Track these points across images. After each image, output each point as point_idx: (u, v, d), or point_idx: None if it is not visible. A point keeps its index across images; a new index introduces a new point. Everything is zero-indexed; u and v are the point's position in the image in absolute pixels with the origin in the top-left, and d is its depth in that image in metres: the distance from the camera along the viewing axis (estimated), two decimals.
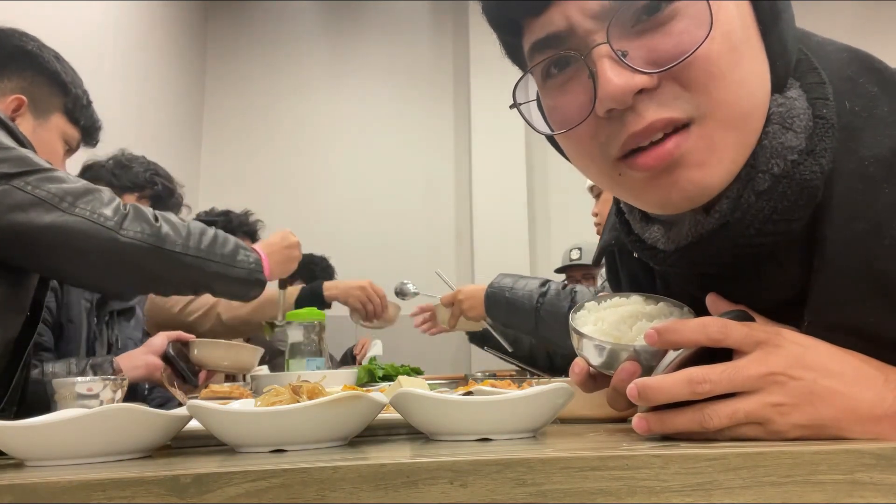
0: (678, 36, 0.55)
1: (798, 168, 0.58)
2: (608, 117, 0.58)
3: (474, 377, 1.76)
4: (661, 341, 0.57)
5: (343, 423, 0.64)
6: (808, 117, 0.59)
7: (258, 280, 1.43)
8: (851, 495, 0.46)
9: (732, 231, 0.60)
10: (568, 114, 0.60)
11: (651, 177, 0.59)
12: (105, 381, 1.19)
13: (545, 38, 0.60)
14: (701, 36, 0.54)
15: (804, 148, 0.58)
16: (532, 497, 0.47)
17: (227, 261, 1.37)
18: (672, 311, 0.67)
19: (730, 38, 0.56)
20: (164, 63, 4.09)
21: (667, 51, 0.55)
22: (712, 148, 0.57)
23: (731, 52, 0.56)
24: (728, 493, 0.46)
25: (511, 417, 0.64)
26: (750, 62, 0.58)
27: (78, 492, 0.47)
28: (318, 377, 0.97)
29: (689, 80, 0.55)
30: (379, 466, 0.47)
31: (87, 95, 1.55)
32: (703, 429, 0.54)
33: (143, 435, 0.65)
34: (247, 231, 2.71)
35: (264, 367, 2.04)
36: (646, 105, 0.56)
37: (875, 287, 0.57)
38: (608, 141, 0.59)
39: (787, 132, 0.58)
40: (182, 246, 1.29)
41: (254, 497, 0.47)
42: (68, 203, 1.19)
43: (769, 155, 0.59)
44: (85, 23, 3.13)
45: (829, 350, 0.55)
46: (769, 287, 0.64)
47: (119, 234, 1.21)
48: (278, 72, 4.79)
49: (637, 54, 0.56)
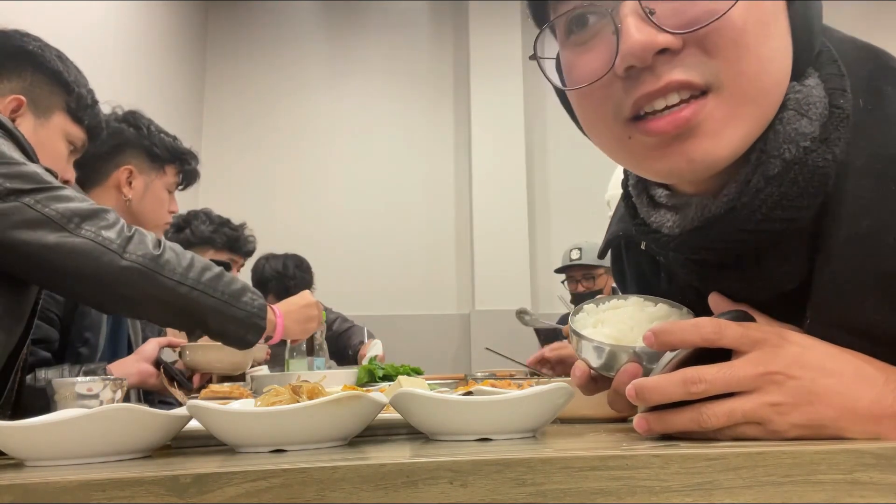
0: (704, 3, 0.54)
1: (810, 155, 0.57)
2: (626, 76, 0.57)
3: (474, 377, 1.75)
4: (657, 343, 0.56)
5: (343, 423, 0.64)
6: (823, 106, 0.59)
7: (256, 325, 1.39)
8: (851, 495, 0.46)
9: (739, 216, 0.60)
10: (586, 70, 0.60)
11: (661, 143, 0.58)
12: (105, 382, 1.18)
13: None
14: (729, 2, 0.54)
15: (818, 136, 0.58)
16: (532, 497, 0.47)
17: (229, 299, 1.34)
18: (671, 312, 0.67)
19: (760, 10, 0.55)
20: (164, 63, 4.09)
21: (696, 13, 0.54)
22: (728, 119, 0.57)
23: (760, 25, 0.55)
24: (728, 492, 0.46)
25: (511, 417, 0.64)
26: (777, 40, 0.57)
27: (78, 492, 0.47)
28: (318, 377, 0.97)
29: (714, 47, 0.55)
30: (379, 466, 0.47)
31: (92, 95, 1.55)
32: (701, 428, 0.54)
33: (143, 435, 0.65)
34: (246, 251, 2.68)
35: (264, 368, 2.04)
36: (665, 66, 0.55)
37: (879, 287, 0.56)
38: (621, 101, 0.58)
39: (801, 118, 0.58)
40: (181, 276, 1.29)
41: (254, 497, 0.47)
42: (75, 224, 1.21)
43: (782, 140, 0.58)
44: (85, 22, 3.13)
45: (828, 350, 0.55)
46: (769, 278, 0.63)
47: (122, 256, 1.23)
48: (278, 72, 4.79)
49: (664, 13, 0.55)
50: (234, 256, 2.61)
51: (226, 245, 2.58)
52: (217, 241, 2.57)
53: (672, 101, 0.56)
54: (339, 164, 4.72)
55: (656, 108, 0.57)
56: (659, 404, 0.56)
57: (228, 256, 2.59)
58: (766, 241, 0.61)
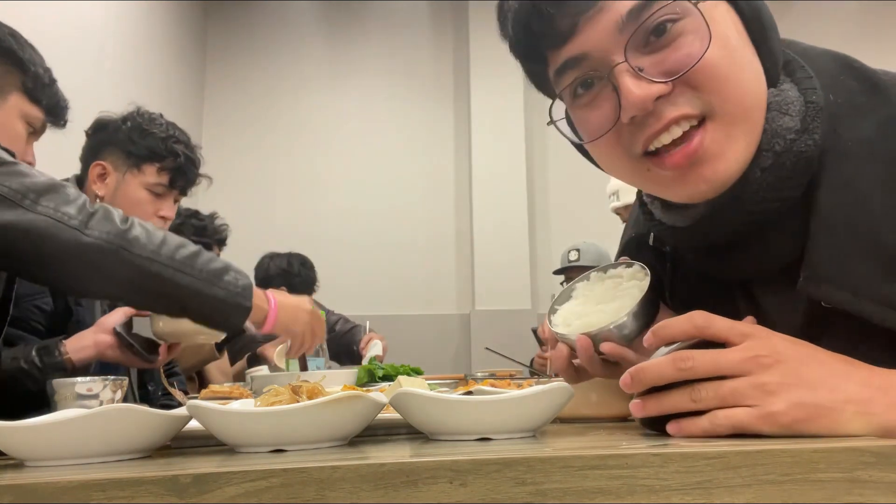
0: (684, 49, 0.64)
1: (795, 143, 0.67)
2: (632, 123, 0.67)
3: (474, 377, 1.75)
4: (656, 341, 0.62)
5: (343, 422, 0.64)
6: (800, 103, 0.69)
7: (239, 305, 1.27)
8: (851, 493, 0.46)
9: (742, 202, 0.68)
10: (597, 124, 0.70)
11: (679, 174, 0.67)
12: (105, 382, 1.19)
13: (571, 59, 0.69)
14: (703, 47, 0.63)
15: (799, 128, 0.68)
16: (532, 496, 0.47)
17: (208, 276, 1.23)
18: (628, 272, 0.78)
19: (727, 46, 0.65)
20: (164, 63, 4.09)
21: (676, 61, 0.64)
22: (727, 139, 0.66)
23: (730, 56, 0.65)
24: (728, 491, 0.46)
25: (511, 417, 0.64)
26: (747, 64, 0.67)
27: (78, 492, 0.47)
28: (318, 377, 0.97)
29: (699, 83, 0.64)
30: (379, 466, 0.47)
31: (49, 74, 1.48)
32: (693, 405, 0.56)
33: (143, 435, 0.65)
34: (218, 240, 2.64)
35: (264, 368, 2.04)
36: (662, 108, 0.65)
37: (861, 246, 0.63)
38: (631, 143, 0.68)
39: (784, 116, 0.68)
40: (152, 252, 1.18)
41: (253, 497, 0.47)
42: (31, 200, 1.12)
43: (771, 136, 0.68)
44: (85, 22, 3.13)
45: (816, 348, 0.59)
46: (773, 252, 0.71)
47: (83, 233, 1.14)
48: (278, 72, 4.79)
49: (651, 67, 0.65)
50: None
51: (194, 235, 2.55)
52: (184, 233, 2.54)
53: (675, 133, 0.66)
54: (339, 164, 4.72)
55: (663, 142, 0.67)
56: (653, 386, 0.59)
57: None
58: (767, 220, 0.69)
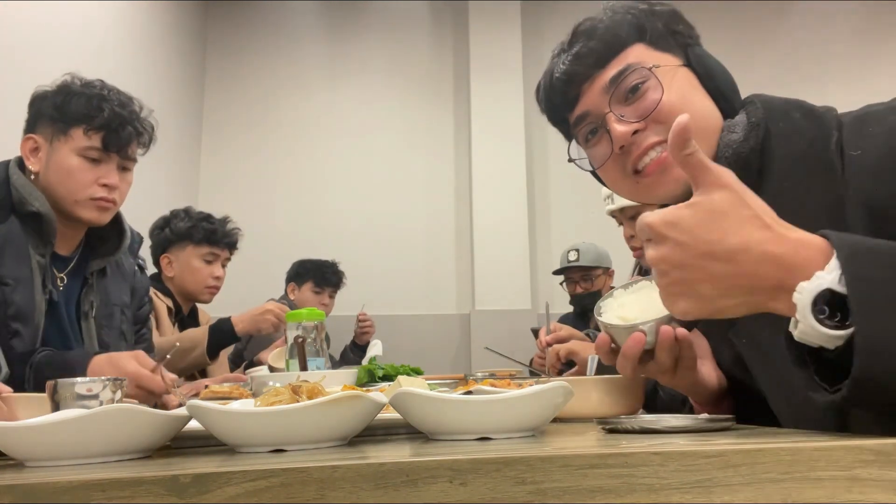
0: (650, 99, 0.94)
1: (738, 149, 0.92)
2: (622, 152, 0.96)
3: (474, 377, 1.75)
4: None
5: (343, 422, 0.64)
6: (745, 124, 0.93)
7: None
8: (850, 491, 0.46)
9: None
10: (600, 155, 1.01)
11: (656, 180, 0.94)
12: (105, 382, 1.18)
13: (579, 117, 1.02)
14: (660, 96, 0.93)
15: (742, 139, 0.92)
16: (532, 495, 0.47)
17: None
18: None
19: (679, 93, 0.94)
20: (164, 63, 4.09)
21: (646, 106, 0.94)
22: None
23: (683, 98, 0.94)
24: (727, 490, 0.46)
25: (510, 417, 0.64)
26: (698, 102, 0.95)
27: (78, 492, 0.47)
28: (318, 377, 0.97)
29: (664, 118, 0.92)
30: (378, 466, 0.47)
31: None
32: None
33: (143, 435, 0.65)
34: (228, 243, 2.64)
35: (264, 368, 2.04)
36: (641, 138, 0.95)
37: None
38: (624, 165, 0.97)
39: (731, 133, 0.93)
40: None
41: (253, 497, 0.47)
42: None
43: (722, 147, 0.93)
44: (85, 22, 3.13)
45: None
46: None
47: None
48: (278, 72, 4.79)
49: (630, 114, 0.95)
50: (214, 250, 2.59)
51: (204, 238, 2.56)
52: (195, 236, 2.55)
53: (652, 156, 0.94)
54: (339, 164, 4.71)
55: (645, 162, 0.94)
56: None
57: (209, 250, 2.57)
58: None
